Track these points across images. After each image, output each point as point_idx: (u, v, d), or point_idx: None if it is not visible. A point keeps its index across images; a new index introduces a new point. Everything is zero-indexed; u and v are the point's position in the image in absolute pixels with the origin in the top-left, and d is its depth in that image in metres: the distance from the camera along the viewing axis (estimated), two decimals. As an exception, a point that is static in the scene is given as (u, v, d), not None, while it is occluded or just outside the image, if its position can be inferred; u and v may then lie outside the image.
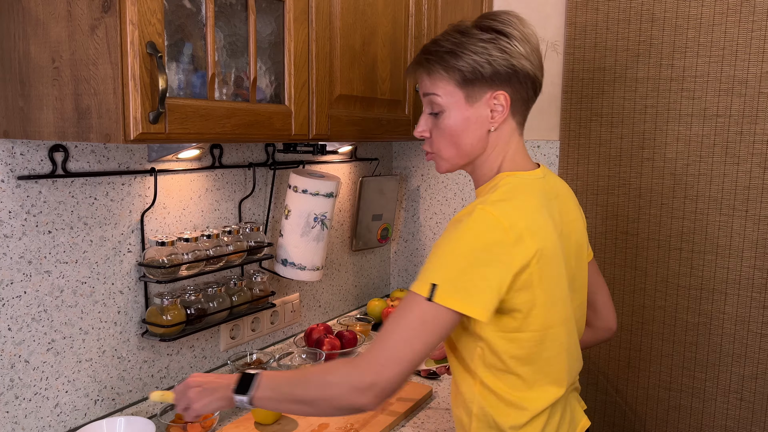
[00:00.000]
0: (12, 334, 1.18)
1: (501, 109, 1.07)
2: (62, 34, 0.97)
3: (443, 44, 1.08)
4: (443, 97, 1.08)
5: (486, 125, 1.08)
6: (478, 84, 1.06)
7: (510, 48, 1.05)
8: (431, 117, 1.12)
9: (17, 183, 1.16)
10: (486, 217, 0.96)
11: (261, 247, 1.61)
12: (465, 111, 1.08)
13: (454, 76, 1.07)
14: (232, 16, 1.14)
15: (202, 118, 1.05)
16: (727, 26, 1.72)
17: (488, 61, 1.05)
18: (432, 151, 1.14)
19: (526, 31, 1.08)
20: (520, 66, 1.06)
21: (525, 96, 1.09)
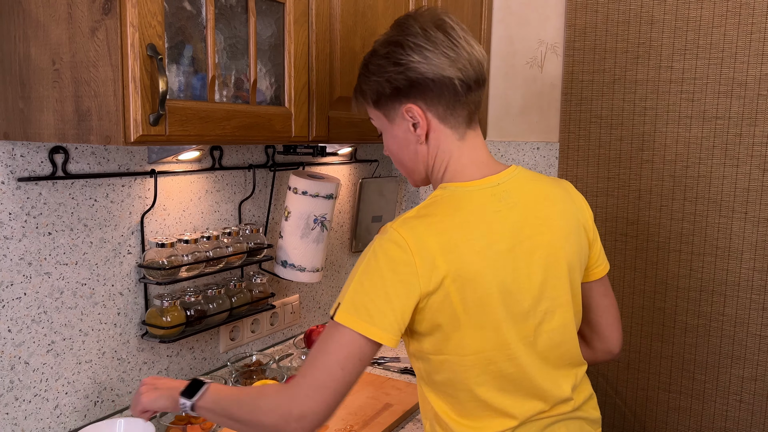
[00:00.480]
0: (12, 335, 1.18)
1: (419, 120, 1.02)
2: (63, 36, 0.98)
3: (359, 70, 1.08)
4: (374, 120, 1.10)
5: (413, 138, 1.04)
6: (386, 102, 1.04)
7: (404, 59, 1.00)
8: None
9: (17, 185, 1.16)
10: (394, 237, 0.93)
11: (261, 248, 1.61)
12: (391, 130, 1.07)
13: (367, 100, 1.08)
14: (232, 19, 1.14)
15: (203, 120, 1.05)
16: (727, 28, 1.72)
17: (386, 79, 1.02)
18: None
19: (426, 33, 1.00)
20: (416, 76, 0.99)
21: (446, 99, 1.01)
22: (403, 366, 1.77)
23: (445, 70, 0.99)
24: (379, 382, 1.62)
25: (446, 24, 1.02)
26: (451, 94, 1.01)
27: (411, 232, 0.93)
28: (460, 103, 1.02)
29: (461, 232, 0.95)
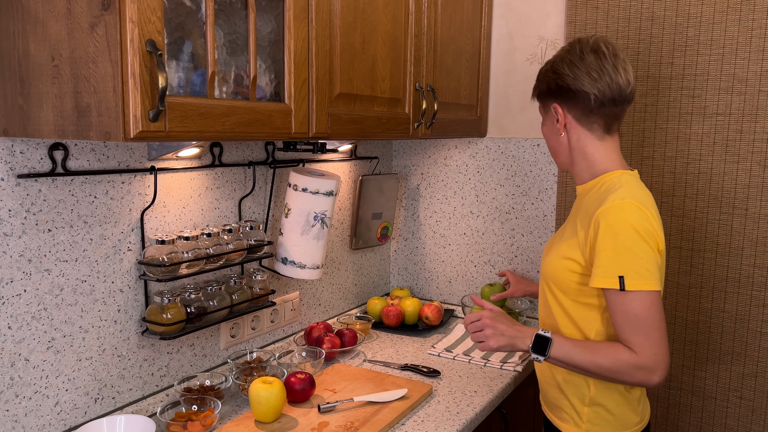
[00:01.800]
0: (12, 332, 1.18)
1: (559, 117, 1.34)
2: (62, 32, 0.97)
3: (541, 71, 1.40)
4: (540, 109, 1.43)
5: (555, 129, 1.37)
6: (544, 97, 1.39)
7: (559, 70, 1.32)
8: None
9: (17, 181, 1.16)
10: (636, 209, 1.20)
11: (261, 245, 1.61)
12: (545, 119, 1.41)
13: (535, 93, 1.43)
14: (231, 14, 1.14)
15: (202, 116, 1.05)
16: (728, 25, 1.72)
17: (545, 81, 1.36)
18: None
19: (582, 55, 1.31)
20: (563, 84, 1.32)
21: (581, 107, 1.31)
22: (404, 363, 1.77)
23: (584, 86, 1.29)
24: (379, 378, 1.62)
25: (600, 50, 1.30)
26: (585, 104, 1.31)
27: (643, 203, 1.22)
28: (593, 113, 1.31)
29: (654, 204, 1.29)
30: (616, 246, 1.19)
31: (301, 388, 1.46)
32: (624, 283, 1.18)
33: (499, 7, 2.07)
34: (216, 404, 1.36)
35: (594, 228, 1.22)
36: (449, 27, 1.83)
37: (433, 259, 2.30)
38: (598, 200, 1.26)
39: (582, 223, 1.28)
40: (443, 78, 1.82)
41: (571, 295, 1.31)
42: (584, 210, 1.30)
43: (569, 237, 1.32)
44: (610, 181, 1.30)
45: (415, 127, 1.69)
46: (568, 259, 1.29)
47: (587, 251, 1.25)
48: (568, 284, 1.31)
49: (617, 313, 1.21)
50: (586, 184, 1.35)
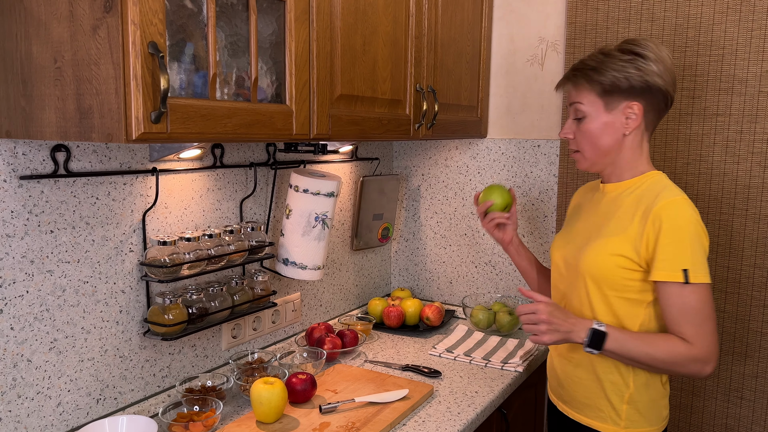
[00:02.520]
0: (14, 333, 1.18)
1: (634, 117, 1.31)
2: (64, 34, 0.98)
3: (588, 62, 1.34)
4: (585, 105, 1.34)
5: (621, 130, 1.33)
6: (616, 95, 1.31)
7: (644, 67, 1.28)
8: (575, 122, 1.37)
9: (19, 183, 1.17)
10: (692, 207, 1.27)
11: (262, 246, 1.61)
12: (604, 117, 1.33)
13: (595, 88, 1.32)
14: (233, 16, 1.14)
15: (204, 117, 1.05)
16: (727, 25, 1.72)
17: (625, 77, 1.29)
18: (576, 149, 1.39)
19: (661, 54, 1.31)
20: (653, 82, 1.29)
21: (657, 107, 1.32)
22: (405, 363, 1.78)
23: (668, 86, 1.31)
24: (380, 379, 1.63)
25: (666, 51, 1.33)
26: (662, 104, 1.33)
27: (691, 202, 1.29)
28: (663, 113, 1.35)
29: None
30: (680, 240, 1.23)
31: (303, 389, 1.46)
32: (688, 276, 1.22)
33: (499, 8, 2.08)
34: (217, 405, 1.37)
35: (654, 223, 1.25)
36: (450, 28, 1.83)
37: (434, 259, 2.30)
38: (649, 197, 1.29)
39: (631, 219, 1.30)
40: (444, 79, 1.83)
41: (620, 291, 1.31)
42: (630, 206, 1.32)
43: (614, 233, 1.31)
44: (652, 180, 1.34)
45: (415, 128, 1.70)
46: (618, 255, 1.29)
47: (642, 247, 1.27)
48: (618, 280, 1.30)
49: (675, 306, 1.25)
50: (622, 183, 1.37)
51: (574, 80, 1.36)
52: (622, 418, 1.35)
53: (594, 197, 1.46)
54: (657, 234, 1.24)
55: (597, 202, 1.43)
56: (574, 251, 1.40)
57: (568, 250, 1.42)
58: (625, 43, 1.35)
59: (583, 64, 1.35)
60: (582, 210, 1.49)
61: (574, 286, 1.40)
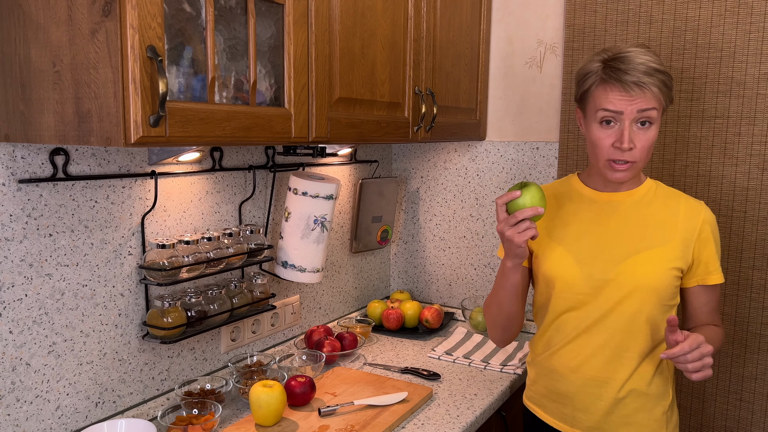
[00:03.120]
0: (13, 336, 1.18)
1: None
2: (63, 38, 0.98)
3: (660, 69, 1.27)
4: (657, 112, 1.27)
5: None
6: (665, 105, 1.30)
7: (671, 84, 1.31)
8: (637, 130, 1.26)
9: (18, 186, 1.17)
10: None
11: (261, 249, 1.61)
12: (655, 126, 1.29)
13: (665, 98, 1.28)
14: (231, 20, 1.14)
15: (202, 121, 1.05)
16: (725, 28, 1.73)
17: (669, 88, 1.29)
18: (633, 161, 1.27)
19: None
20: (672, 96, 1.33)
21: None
22: (404, 366, 1.78)
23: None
24: (379, 382, 1.62)
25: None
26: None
27: None
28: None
29: None
30: (717, 242, 1.35)
31: (302, 392, 1.46)
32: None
33: (498, 11, 2.08)
34: (216, 408, 1.36)
35: (702, 231, 1.32)
36: (448, 31, 1.83)
37: (433, 262, 2.30)
38: (678, 205, 1.34)
39: (672, 228, 1.31)
40: (442, 82, 1.83)
41: (668, 300, 1.31)
42: (662, 214, 1.33)
43: (660, 243, 1.30)
44: (659, 187, 1.38)
45: (414, 130, 1.70)
46: (674, 267, 1.29)
47: (690, 254, 1.31)
48: (671, 290, 1.31)
49: (713, 302, 1.36)
50: (633, 191, 1.36)
51: (652, 84, 1.25)
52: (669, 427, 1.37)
53: (592, 208, 1.37)
54: (705, 241, 1.32)
55: (604, 212, 1.36)
56: (609, 267, 1.30)
57: (598, 268, 1.31)
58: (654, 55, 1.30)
59: (654, 70, 1.26)
60: (571, 221, 1.38)
61: (616, 303, 1.29)
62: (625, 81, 1.24)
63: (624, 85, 1.24)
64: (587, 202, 1.38)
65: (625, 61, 1.26)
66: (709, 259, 1.32)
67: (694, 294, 1.35)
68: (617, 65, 1.25)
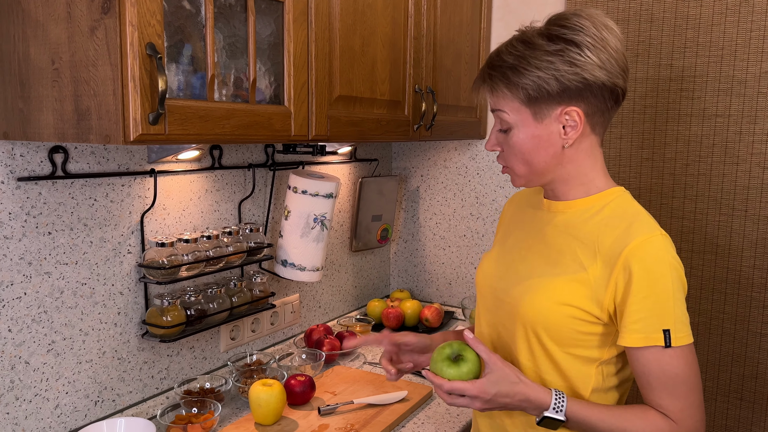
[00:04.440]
0: (12, 335, 1.18)
1: (574, 124, 1.01)
2: (62, 35, 0.98)
3: (506, 58, 1.01)
4: (510, 114, 1.03)
5: (559, 142, 1.02)
6: (545, 101, 1.00)
7: (580, 59, 0.97)
8: (501, 133, 1.07)
9: (17, 184, 1.16)
10: (674, 254, 0.99)
11: (261, 247, 1.61)
12: (533, 128, 1.02)
13: (518, 94, 1.01)
14: (231, 18, 1.14)
15: (202, 119, 1.05)
16: (726, 26, 1.72)
17: (554, 76, 0.98)
18: (506, 165, 1.09)
19: (601, 35, 0.98)
20: (592, 78, 0.98)
21: (603, 107, 1.01)
22: (404, 365, 1.77)
23: (616, 78, 1.00)
24: (379, 381, 1.62)
25: (610, 26, 1.00)
26: (612, 102, 1.02)
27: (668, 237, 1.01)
28: (612, 112, 1.04)
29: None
30: (658, 293, 0.96)
31: (301, 391, 1.46)
32: (670, 339, 0.96)
33: (498, 9, 2.07)
34: (216, 407, 1.36)
35: (624, 271, 0.97)
36: (448, 29, 1.83)
37: (433, 261, 2.30)
38: (614, 232, 1.00)
39: (592, 257, 1.01)
40: (443, 80, 1.83)
41: (567, 347, 1.03)
42: (588, 239, 1.03)
43: (564, 273, 1.02)
44: (614, 203, 1.05)
45: (414, 129, 1.70)
46: (569, 306, 1.00)
47: (607, 298, 0.99)
48: (567, 333, 1.02)
49: (652, 374, 0.98)
50: (572, 202, 1.07)
51: (490, 83, 1.04)
52: None
53: (536, 215, 1.15)
54: (627, 285, 0.96)
55: (539, 222, 1.12)
56: (508, 286, 1.10)
57: (501, 284, 1.12)
58: (551, 25, 1.01)
59: (500, 59, 1.03)
60: (518, 228, 1.18)
61: (510, 331, 1.09)
62: (478, 74, 1.08)
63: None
64: (537, 210, 1.16)
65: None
66: (625, 308, 0.97)
67: (629, 356, 1.01)
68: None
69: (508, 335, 1.10)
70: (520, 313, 1.05)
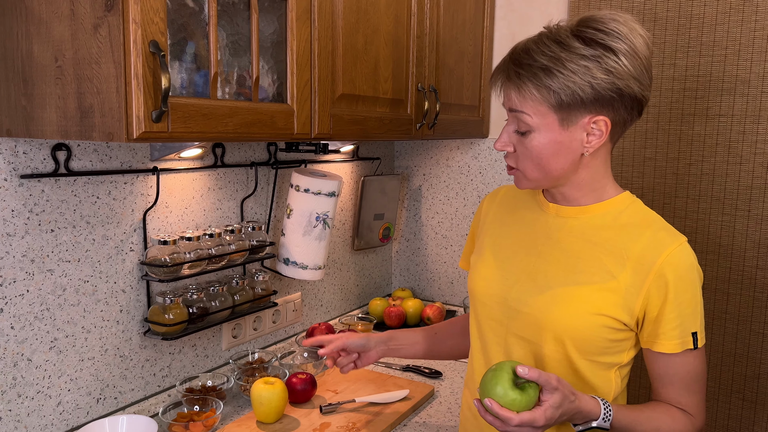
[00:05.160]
0: (15, 332, 1.18)
1: (599, 134, 0.97)
2: (65, 33, 0.98)
3: (538, 58, 0.95)
4: (533, 117, 0.97)
5: (580, 149, 0.99)
6: (576, 108, 0.95)
7: (617, 67, 0.93)
8: (516, 133, 1.01)
9: (20, 182, 1.16)
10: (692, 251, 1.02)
11: (263, 246, 1.61)
12: (557, 134, 0.97)
13: (548, 98, 0.95)
14: (234, 15, 1.14)
15: (205, 117, 1.05)
16: (730, 26, 1.72)
17: (590, 83, 0.93)
18: (516, 168, 1.04)
19: (637, 42, 0.95)
20: (626, 88, 0.94)
21: (627, 118, 0.99)
22: (406, 364, 1.77)
23: (646, 90, 0.98)
24: (381, 379, 1.62)
25: (641, 33, 0.97)
26: (634, 114, 1.00)
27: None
28: (631, 123, 1.01)
29: None
30: (689, 300, 0.98)
31: (303, 389, 1.46)
32: (697, 340, 0.99)
33: (501, 8, 2.07)
34: (218, 405, 1.36)
35: (659, 279, 0.97)
36: (451, 28, 1.83)
37: (435, 260, 2.30)
38: (642, 240, 0.99)
39: (621, 265, 0.99)
40: (445, 79, 1.82)
41: (594, 355, 1.01)
42: (613, 246, 1.01)
43: (593, 281, 1.00)
44: (630, 209, 1.04)
45: (417, 128, 1.69)
46: (604, 315, 0.98)
47: (638, 306, 0.98)
48: (598, 342, 1.00)
49: (677, 375, 1.00)
50: (585, 208, 1.05)
51: (517, 82, 0.98)
52: None
53: (538, 219, 1.10)
54: (664, 293, 0.97)
55: (546, 227, 1.08)
56: (523, 296, 1.05)
57: (513, 294, 1.07)
58: (585, 27, 0.96)
59: (531, 57, 0.96)
60: (512, 231, 1.13)
61: (530, 342, 1.05)
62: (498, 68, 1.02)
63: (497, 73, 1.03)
64: (537, 212, 1.11)
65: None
66: (662, 317, 0.98)
67: (648, 359, 1.03)
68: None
69: (527, 346, 1.05)
70: (547, 324, 1.02)
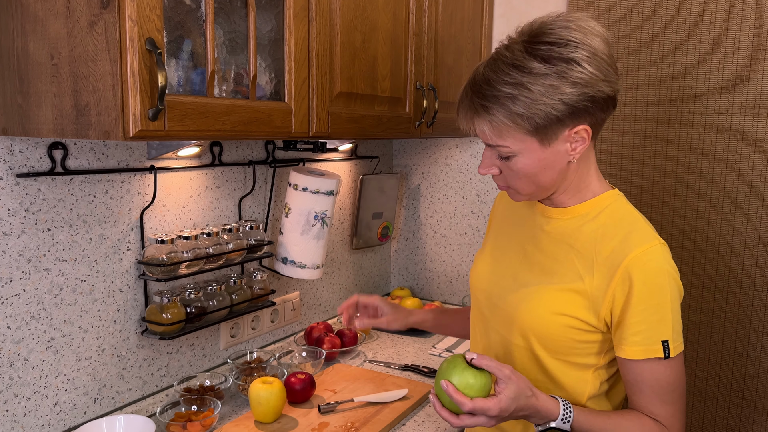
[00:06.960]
0: (11, 332, 1.18)
1: (582, 140, 0.97)
2: (61, 30, 0.97)
3: (501, 88, 0.93)
4: (512, 146, 0.97)
5: (566, 158, 0.99)
6: (553, 126, 0.94)
7: (583, 77, 0.92)
8: (499, 158, 1.01)
9: (16, 180, 1.16)
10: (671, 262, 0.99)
11: (261, 245, 1.60)
12: (540, 153, 0.97)
13: (523, 125, 0.94)
14: (231, 13, 1.13)
15: (202, 115, 1.04)
16: (729, 23, 1.72)
17: (561, 100, 0.92)
18: (507, 186, 1.05)
19: (594, 44, 0.93)
20: (598, 93, 0.94)
21: (604, 117, 0.99)
22: (404, 363, 1.77)
23: (615, 84, 0.96)
24: (380, 379, 1.62)
25: (594, 29, 0.95)
26: (611, 109, 0.99)
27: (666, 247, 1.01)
28: (605, 121, 1.01)
29: None
30: (657, 305, 0.96)
31: (301, 389, 1.46)
32: (669, 350, 0.96)
33: (500, 6, 2.07)
34: (216, 404, 1.36)
35: (623, 282, 0.96)
36: (450, 26, 1.82)
37: (434, 258, 2.30)
38: (612, 240, 0.99)
39: (589, 267, 1.00)
40: (444, 77, 1.82)
41: (563, 355, 1.02)
42: (585, 247, 1.01)
43: (561, 282, 1.01)
44: (610, 208, 1.04)
45: (415, 126, 1.69)
46: (566, 316, 1.00)
47: (604, 309, 0.98)
48: (564, 342, 1.01)
49: (646, 382, 0.98)
50: (569, 209, 1.06)
51: (488, 117, 0.96)
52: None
53: (530, 217, 1.12)
54: (627, 296, 0.96)
55: (533, 226, 1.11)
56: (504, 292, 1.09)
57: (496, 290, 1.11)
58: (538, 43, 0.93)
59: (494, 88, 0.94)
60: (511, 226, 1.16)
61: (504, 337, 1.09)
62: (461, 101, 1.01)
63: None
64: (530, 211, 1.14)
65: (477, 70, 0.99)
66: (624, 320, 0.97)
67: (623, 365, 1.01)
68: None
69: (501, 341, 1.09)
70: (516, 321, 1.05)
